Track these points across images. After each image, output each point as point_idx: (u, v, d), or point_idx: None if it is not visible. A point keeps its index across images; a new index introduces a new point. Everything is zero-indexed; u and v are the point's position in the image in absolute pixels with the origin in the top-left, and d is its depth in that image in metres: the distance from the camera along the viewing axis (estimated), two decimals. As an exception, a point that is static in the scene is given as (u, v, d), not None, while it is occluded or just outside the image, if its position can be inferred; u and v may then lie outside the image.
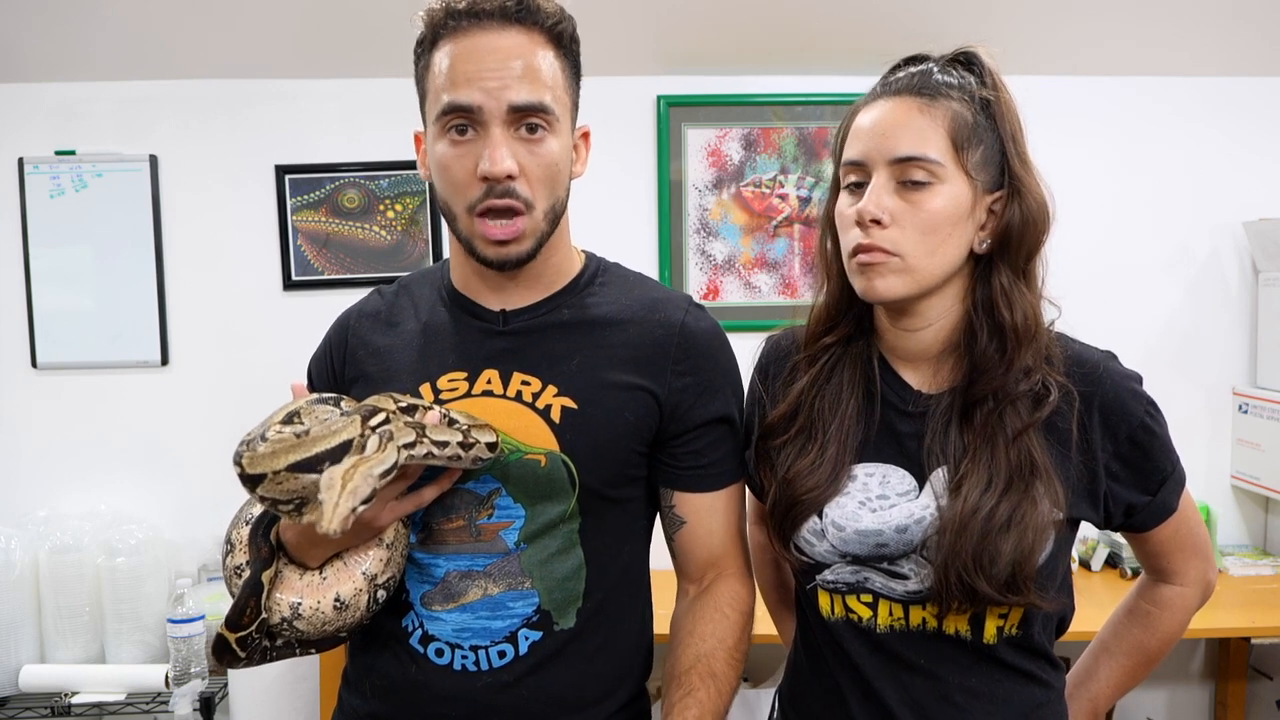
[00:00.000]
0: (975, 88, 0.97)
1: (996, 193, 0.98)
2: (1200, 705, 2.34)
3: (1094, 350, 1.01)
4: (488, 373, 1.03)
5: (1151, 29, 2.12)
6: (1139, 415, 0.98)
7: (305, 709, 1.94)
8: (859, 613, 1.01)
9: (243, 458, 0.88)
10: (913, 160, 0.94)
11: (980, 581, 0.92)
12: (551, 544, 1.01)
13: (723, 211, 2.25)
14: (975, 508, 0.93)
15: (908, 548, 0.97)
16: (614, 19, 2.03)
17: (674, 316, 1.06)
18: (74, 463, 2.20)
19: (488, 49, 0.95)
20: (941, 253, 0.96)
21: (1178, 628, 1.11)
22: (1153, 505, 1.02)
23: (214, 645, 0.97)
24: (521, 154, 0.95)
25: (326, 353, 1.13)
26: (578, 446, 1.00)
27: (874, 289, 0.96)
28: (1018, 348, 0.96)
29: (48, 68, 2.12)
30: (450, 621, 1.01)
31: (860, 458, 1.02)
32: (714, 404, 1.05)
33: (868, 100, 1.00)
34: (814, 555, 1.02)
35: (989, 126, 0.97)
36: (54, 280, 2.18)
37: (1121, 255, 2.27)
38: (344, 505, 0.81)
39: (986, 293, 0.98)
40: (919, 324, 1.01)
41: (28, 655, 1.99)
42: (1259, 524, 2.32)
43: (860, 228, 0.95)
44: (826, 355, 1.06)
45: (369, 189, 2.20)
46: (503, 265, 0.99)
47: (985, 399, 0.97)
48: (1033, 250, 0.98)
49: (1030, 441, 0.95)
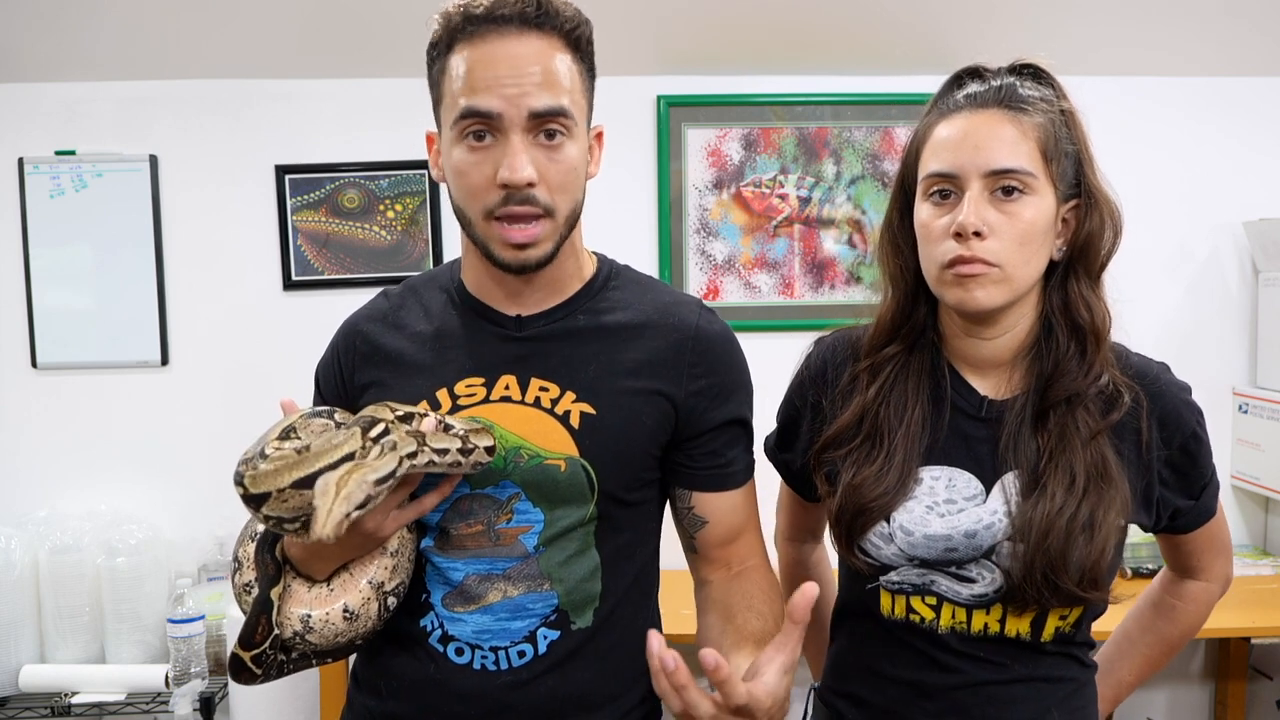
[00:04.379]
0: (1056, 100, 0.99)
1: (1071, 202, 1.00)
2: (1200, 705, 2.34)
3: (1152, 362, 1.06)
4: (505, 378, 1.03)
5: (1151, 29, 2.12)
6: (1191, 425, 1.03)
7: (305, 709, 1.94)
8: (921, 614, 1.02)
9: (245, 478, 0.86)
10: (1009, 172, 0.95)
11: (1064, 577, 0.94)
12: (569, 546, 1.02)
13: (723, 211, 2.25)
14: (1061, 507, 0.95)
15: (976, 553, 0.99)
16: (614, 19, 2.02)
17: (688, 320, 1.06)
18: (74, 463, 2.20)
19: (506, 54, 0.93)
20: (1034, 262, 0.98)
21: (1200, 620, 1.17)
22: (1196, 509, 1.07)
23: (230, 665, 0.97)
24: (540, 160, 0.95)
25: (334, 359, 1.11)
26: (597, 452, 1.00)
27: (975, 300, 0.97)
28: (1097, 349, 1.00)
29: (48, 68, 2.12)
30: (471, 623, 1.01)
31: (926, 461, 1.03)
32: (729, 405, 1.06)
33: (944, 114, 1.00)
34: (880, 558, 1.03)
35: (1069, 138, 0.99)
36: (54, 280, 2.18)
37: (1121, 255, 2.25)
38: (337, 510, 0.80)
39: (1063, 297, 1.02)
40: (997, 332, 1.02)
41: (28, 655, 1.99)
42: (1259, 524, 2.33)
43: (958, 239, 0.96)
44: (890, 365, 1.07)
45: (369, 189, 2.20)
46: (521, 269, 0.99)
47: (1060, 402, 0.99)
48: (1108, 257, 1.03)
49: (1103, 443, 0.98)
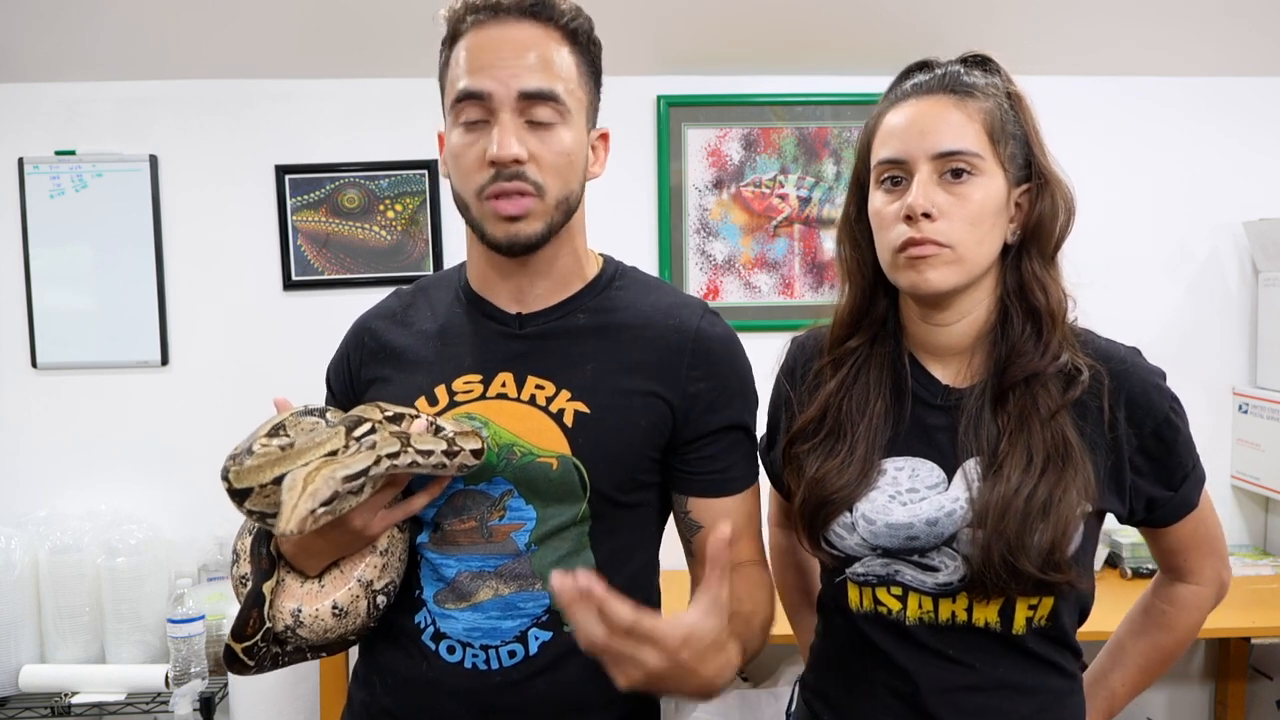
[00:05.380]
0: (1002, 85, 1.01)
1: (1023, 186, 1.01)
2: (1200, 705, 2.34)
3: (1120, 346, 1.04)
4: (502, 375, 1.03)
5: (1152, 29, 2.12)
6: (1164, 410, 1.01)
7: (305, 709, 1.94)
8: (888, 605, 1.02)
9: (230, 472, 0.88)
10: (956, 154, 0.96)
11: (1023, 560, 0.93)
12: (562, 546, 1.01)
13: (723, 211, 2.25)
14: (1017, 488, 0.95)
15: (938, 540, 0.99)
16: (614, 19, 2.02)
17: (689, 322, 1.06)
18: (74, 463, 2.20)
19: (503, 40, 0.97)
20: (988, 242, 0.98)
21: (1193, 627, 1.12)
22: (1174, 500, 1.04)
23: (224, 655, 0.99)
24: (531, 141, 0.96)
25: (344, 357, 1.13)
26: (589, 451, 1.00)
27: (927, 281, 0.97)
28: (1052, 330, 1.00)
29: (48, 68, 2.12)
30: (462, 620, 1.01)
31: (889, 453, 1.03)
32: (728, 410, 1.05)
33: (892, 103, 1.02)
34: (844, 549, 1.03)
35: (1016, 121, 1.00)
36: (54, 280, 2.18)
37: (1121, 255, 2.26)
38: (302, 506, 0.81)
39: (1018, 280, 1.01)
40: (953, 317, 1.02)
41: (28, 655, 1.99)
42: (1259, 524, 2.32)
43: (908, 222, 0.96)
44: (852, 358, 1.07)
45: (369, 189, 2.20)
46: (512, 246, 0.99)
47: (1019, 383, 0.99)
48: (1061, 238, 1.02)
49: (1064, 422, 0.97)
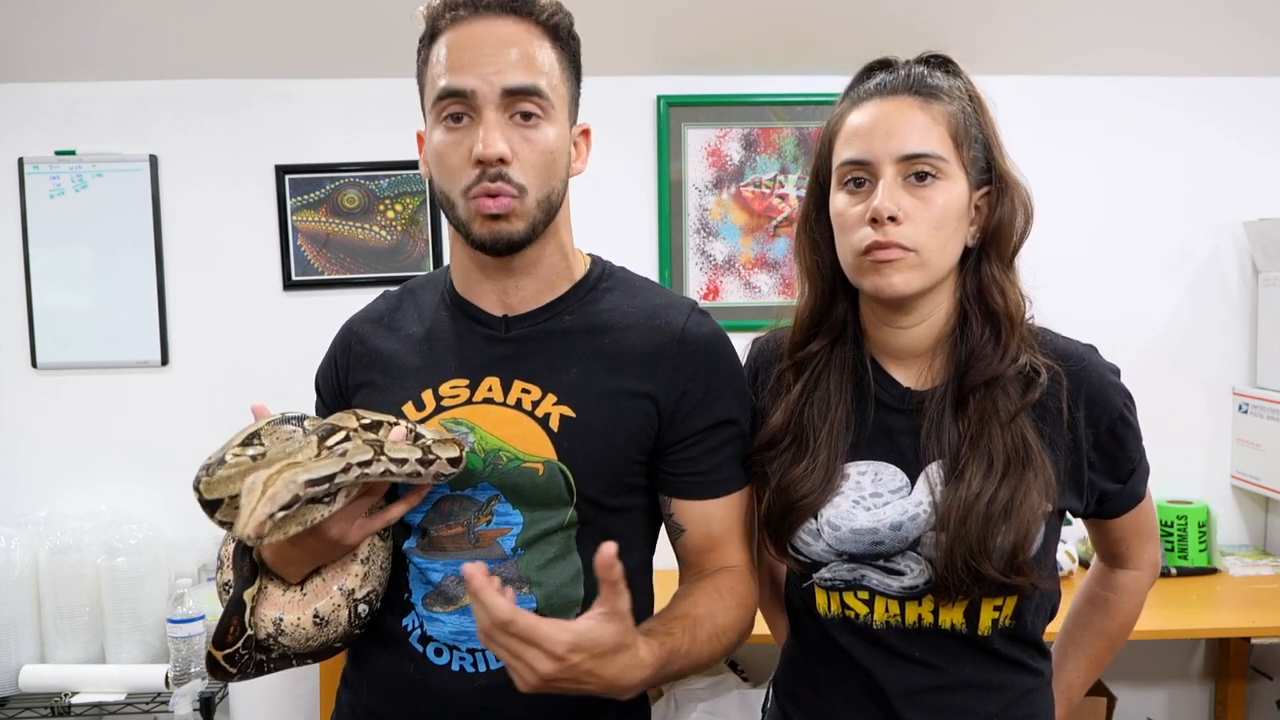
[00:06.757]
0: (964, 87, 1.00)
1: (983, 189, 1.00)
2: (1200, 705, 2.34)
3: (1076, 344, 1.04)
4: (489, 380, 1.02)
5: (1152, 29, 2.12)
6: (1119, 407, 1.01)
7: (305, 709, 1.94)
8: (855, 609, 1.02)
9: (200, 483, 0.88)
10: (921, 157, 0.95)
11: (985, 564, 0.93)
12: (549, 550, 1.01)
13: (723, 211, 2.25)
14: (978, 492, 0.95)
15: (902, 544, 0.98)
16: (614, 19, 2.03)
17: (674, 322, 1.04)
18: (74, 463, 2.20)
19: (484, 36, 0.96)
20: (950, 247, 0.98)
21: (1135, 610, 1.15)
22: (1123, 493, 1.05)
23: (206, 663, 0.99)
24: (515, 139, 0.95)
25: (331, 362, 1.12)
26: (575, 455, 0.99)
27: (892, 285, 0.96)
28: (1011, 333, 0.99)
29: (48, 68, 2.12)
30: (449, 623, 1.01)
31: (852, 457, 1.03)
32: (713, 411, 1.03)
33: (855, 102, 1.01)
34: (810, 555, 1.02)
35: (978, 124, 1.00)
36: (54, 280, 2.18)
37: (1121, 255, 2.27)
38: (260, 510, 0.80)
39: (977, 283, 1.01)
40: (913, 321, 1.02)
41: (28, 655, 1.99)
42: (1259, 524, 2.32)
43: (873, 225, 0.95)
44: (813, 363, 1.06)
45: (369, 189, 2.20)
46: (496, 244, 0.98)
47: (978, 387, 0.99)
48: (1020, 242, 1.02)
49: (1024, 424, 0.97)
